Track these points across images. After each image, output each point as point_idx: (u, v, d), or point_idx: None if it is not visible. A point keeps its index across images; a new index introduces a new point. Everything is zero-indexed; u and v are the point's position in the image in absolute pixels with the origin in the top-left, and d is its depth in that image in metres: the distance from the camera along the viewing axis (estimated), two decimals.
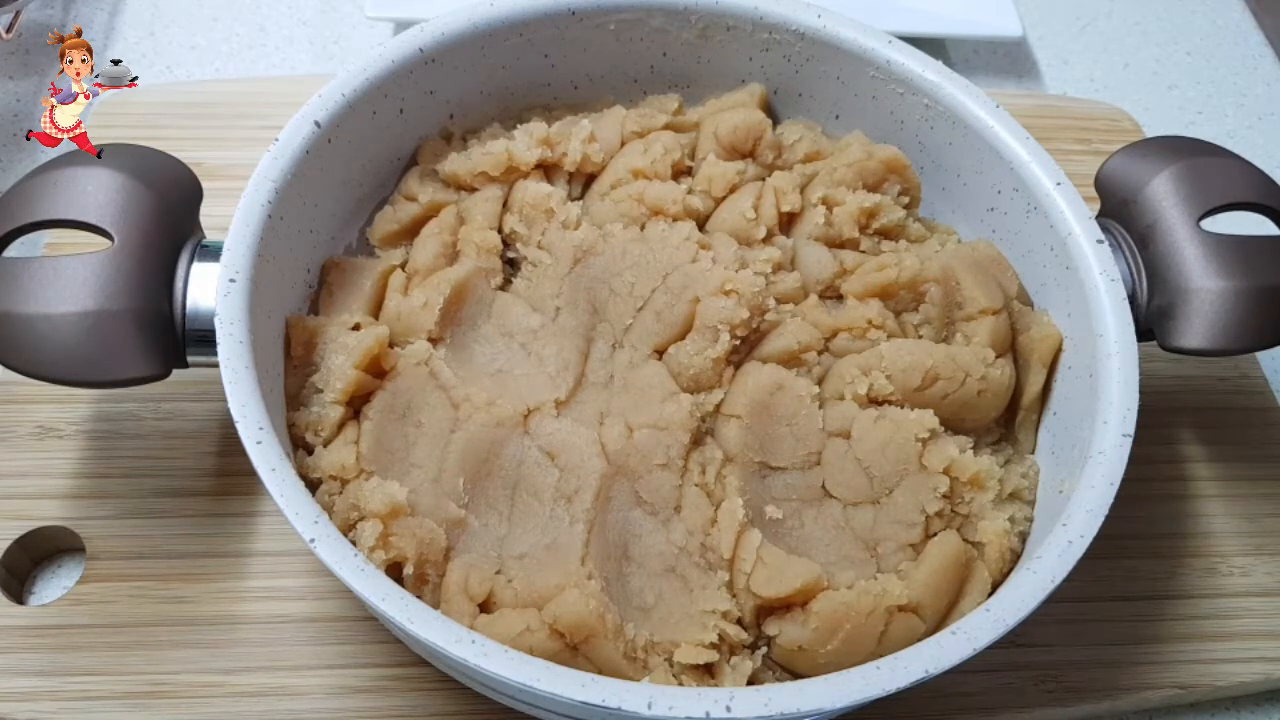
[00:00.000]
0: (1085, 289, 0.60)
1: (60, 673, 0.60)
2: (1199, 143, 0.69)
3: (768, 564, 0.54)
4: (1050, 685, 0.65)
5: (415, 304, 0.61)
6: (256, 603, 0.63)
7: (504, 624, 0.51)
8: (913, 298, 0.65)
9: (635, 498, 0.58)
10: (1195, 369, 0.80)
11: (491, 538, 0.56)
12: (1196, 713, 0.68)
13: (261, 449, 0.50)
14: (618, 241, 0.64)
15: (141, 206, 0.57)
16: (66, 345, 0.53)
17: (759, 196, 0.67)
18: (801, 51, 0.70)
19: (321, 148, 0.61)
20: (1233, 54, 1.11)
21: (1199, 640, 0.68)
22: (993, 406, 0.62)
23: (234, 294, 0.54)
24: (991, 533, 0.58)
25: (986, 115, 0.66)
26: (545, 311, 0.63)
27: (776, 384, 0.61)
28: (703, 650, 0.52)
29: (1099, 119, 0.93)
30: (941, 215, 0.73)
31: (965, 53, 1.06)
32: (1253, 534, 0.73)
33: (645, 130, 0.70)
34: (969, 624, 0.49)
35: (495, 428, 0.58)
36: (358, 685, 0.62)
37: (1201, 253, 0.62)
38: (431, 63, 0.65)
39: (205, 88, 0.87)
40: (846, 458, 0.59)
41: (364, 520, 0.53)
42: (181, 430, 0.69)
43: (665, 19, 0.70)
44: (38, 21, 0.95)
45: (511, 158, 0.66)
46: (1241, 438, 0.77)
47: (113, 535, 0.65)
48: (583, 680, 0.45)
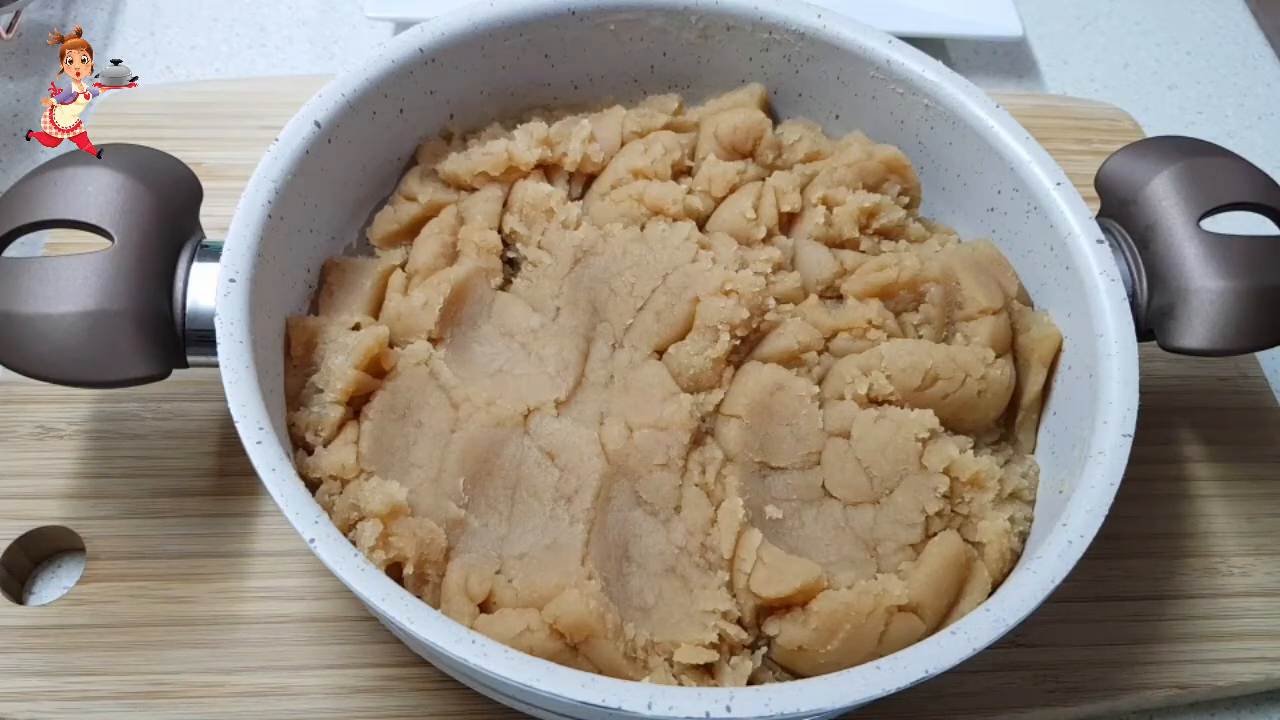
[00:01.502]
0: (1085, 289, 0.60)
1: (60, 673, 0.60)
2: (1199, 143, 0.69)
3: (768, 564, 0.54)
4: (1050, 685, 0.65)
5: (415, 304, 0.61)
6: (256, 603, 0.63)
7: (504, 624, 0.51)
8: (913, 298, 0.65)
9: (635, 498, 0.58)
10: (1195, 369, 0.80)
11: (491, 538, 0.56)
12: (1196, 713, 0.68)
13: (261, 449, 0.50)
14: (618, 241, 0.64)
15: (141, 206, 0.57)
16: (66, 345, 0.53)
17: (759, 196, 0.67)
18: (801, 51, 0.70)
19: (321, 148, 0.61)
20: (1233, 54, 1.11)
21: (1199, 640, 0.68)
22: (993, 406, 0.62)
23: (234, 294, 0.54)
24: (991, 533, 0.58)
25: (986, 115, 0.66)
26: (545, 311, 0.63)
27: (776, 384, 0.61)
28: (703, 650, 0.52)
29: (1099, 119, 0.93)
30: (941, 215, 0.73)
31: (965, 53, 1.05)
32: (1253, 534, 0.72)
33: (645, 130, 0.70)
34: (969, 624, 0.49)
35: (495, 428, 0.58)
36: (358, 685, 0.62)
37: (1201, 253, 0.62)
38: (431, 63, 0.65)
39: (205, 88, 0.87)
40: (846, 458, 0.59)
41: (364, 520, 0.53)
42: (181, 430, 0.69)
43: (665, 19, 0.70)
44: (38, 21, 0.95)
45: (511, 158, 0.66)
46: (1241, 438, 0.77)
47: (113, 535, 0.65)
48: (583, 680, 0.45)
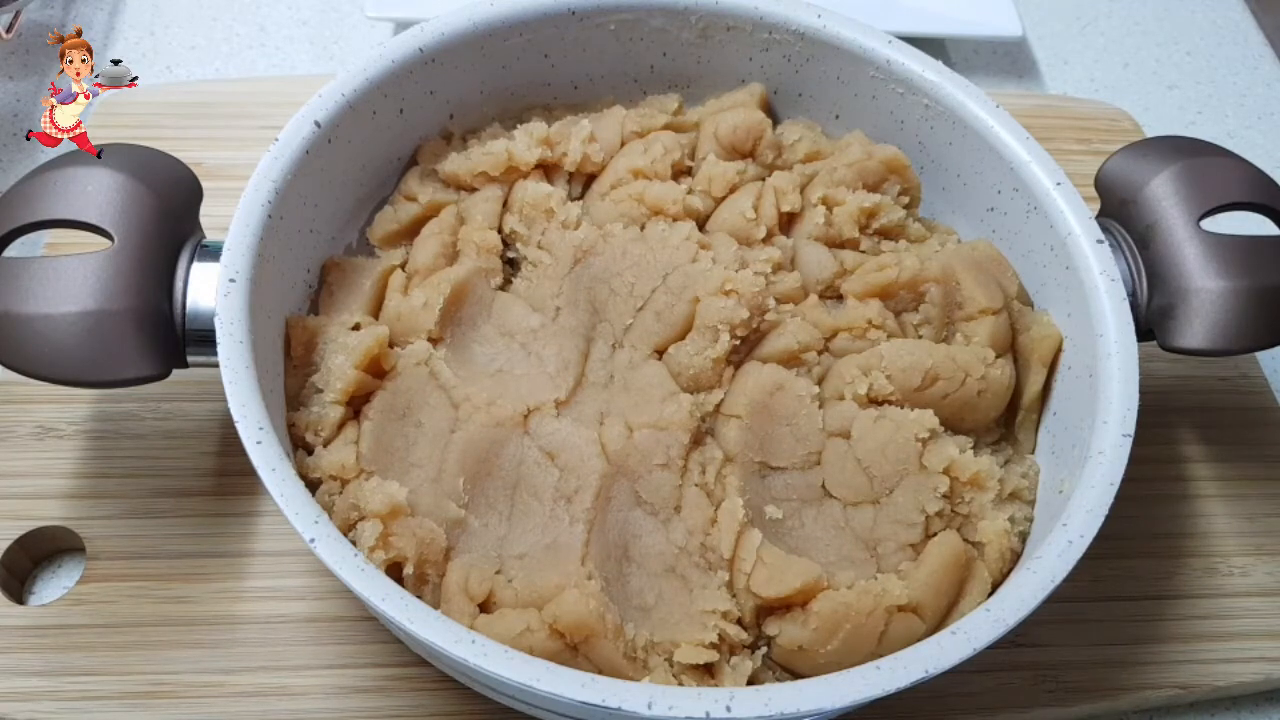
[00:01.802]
0: (1085, 289, 0.60)
1: (60, 673, 0.60)
2: (1199, 143, 0.69)
3: (768, 564, 0.54)
4: (1050, 685, 0.65)
5: (415, 304, 0.61)
6: (256, 603, 0.63)
7: (504, 624, 0.51)
8: (913, 298, 0.65)
9: (635, 498, 0.58)
10: (1195, 369, 0.80)
11: (491, 538, 0.56)
12: (1196, 713, 0.68)
13: (261, 449, 0.50)
14: (618, 241, 0.64)
15: (141, 206, 0.57)
16: (66, 345, 0.53)
17: (759, 196, 0.67)
18: (801, 51, 0.70)
19: (321, 148, 0.61)
20: (1233, 54, 1.11)
21: (1199, 640, 0.68)
22: (993, 406, 0.62)
23: (234, 294, 0.54)
24: (991, 533, 0.58)
25: (986, 115, 0.66)
26: (545, 311, 0.63)
27: (776, 384, 0.61)
28: (703, 650, 0.52)
29: (1099, 119, 0.93)
30: (941, 215, 0.73)
31: (965, 53, 1.05)
32: (1253, 534, 0.72)
33: (645, 130, 0.70)
34: (969, 624, 0.49)
35: (495, 428, 0.58)
36: (358, 685, 0.62)
37: (1201, 253, 0.62)
38: (431, 63, 0.65)
39: (205, 88, 0.87)
40: (846, 458, 0.59)
41: (364, 520, 0.53)
42: (181, 430, 0.69)
43: (665, 19, 0.70)
44: (38, 21, 0.95)
45: (511, 158, 0.66)
46: (1241, 438, 0.77)
47: (113, 535, 0.65)
48: (583, 680, 0.45)
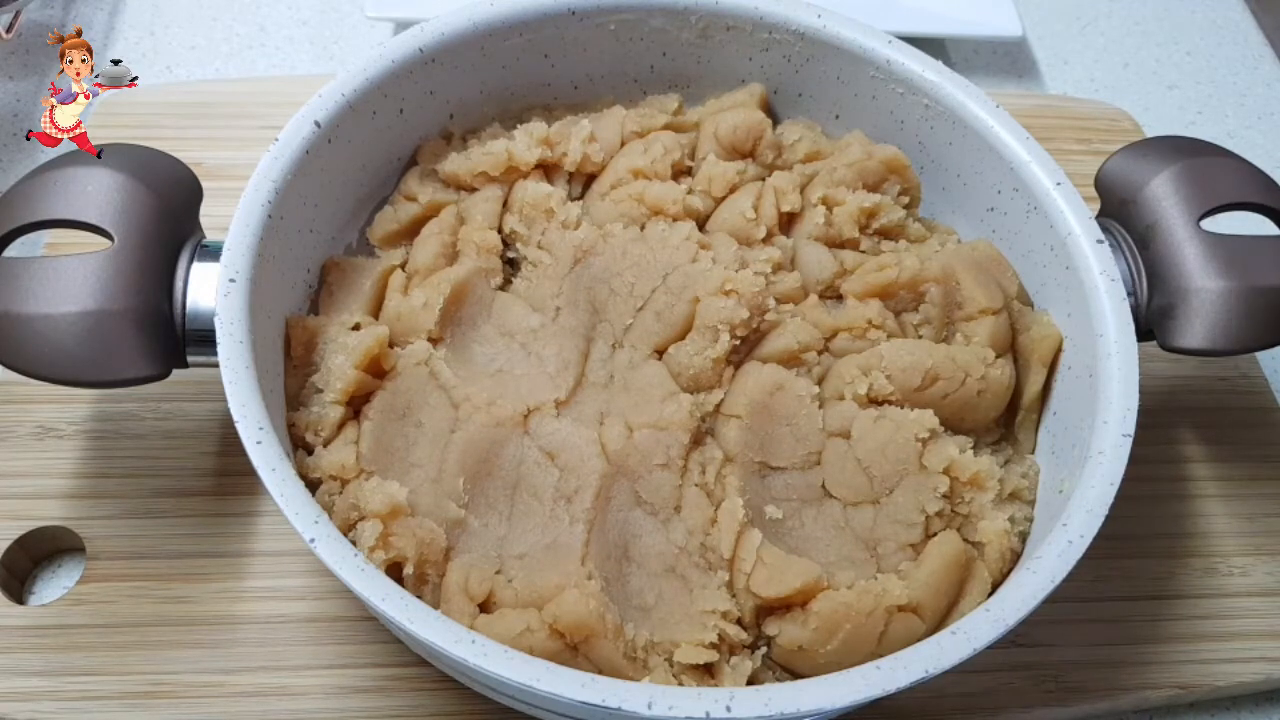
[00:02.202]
0: (1085, 289, 0.60)
1: (60, 673, 0.60)
2: (1199, 143, 0.69)
3: (768, 564, 0.54)
4: (1050, 685, 0.65)
5: (415, 304, 0.61)
6: (256, 603, 0.63)
7: (504, 624, 0.51)
8: (913, 298, 0.65)
9: (635, 498, 0.58)
10: (1195, 369, 0.80)
11: (491, 538, 0.56)
12: (1196, 713, 0.68)
13: (261, 449, 0.50)
14: (618, 241, 0.64)
15: (141, 206, 0.57)
16: (66, 345, 0.53)
17: (759, 196, 0.67)
18: (801, 51, 0.70)
19: (321, 148, 0.61)
20: (1233, 54, 1.11)
21: (1199, 640, 0.68)
22: (993, 406, 0.62)
23: (234, 294, 0.54)
24: (991, 533, 0.58)
25: (986, 115, 0.66)
26: (545, 311, 0.63)
27: (776, 384, 0.61)
28: (703, 650, 0.52)
29: (1099, 119, 0.93)
30: (941, 215, 0.73)
31: (965, 53, 1.05)
32: (1253, 534, 0.72)
33: (645, 130, 0.70)
34: (969, 624, 0.49)
35: (495, 428, 0.58)
36: (358, 685, 0.62)
37: (1201, 253, 0.62)
38: (431, 63, 0.65)
39: (205, 88, 0.87)
40: (846, 458, 0.59)
41: (364, 520, 0.53)
42: (181, 430, 0.69)
43: (665, 19, 0.70)
44: (38, 21, 0.95)
45: (511, 158, 0.66)
46: (1241, 438, 0.77)
47: (113, 535, 0.65)
48: (583, 680, 0.45)
